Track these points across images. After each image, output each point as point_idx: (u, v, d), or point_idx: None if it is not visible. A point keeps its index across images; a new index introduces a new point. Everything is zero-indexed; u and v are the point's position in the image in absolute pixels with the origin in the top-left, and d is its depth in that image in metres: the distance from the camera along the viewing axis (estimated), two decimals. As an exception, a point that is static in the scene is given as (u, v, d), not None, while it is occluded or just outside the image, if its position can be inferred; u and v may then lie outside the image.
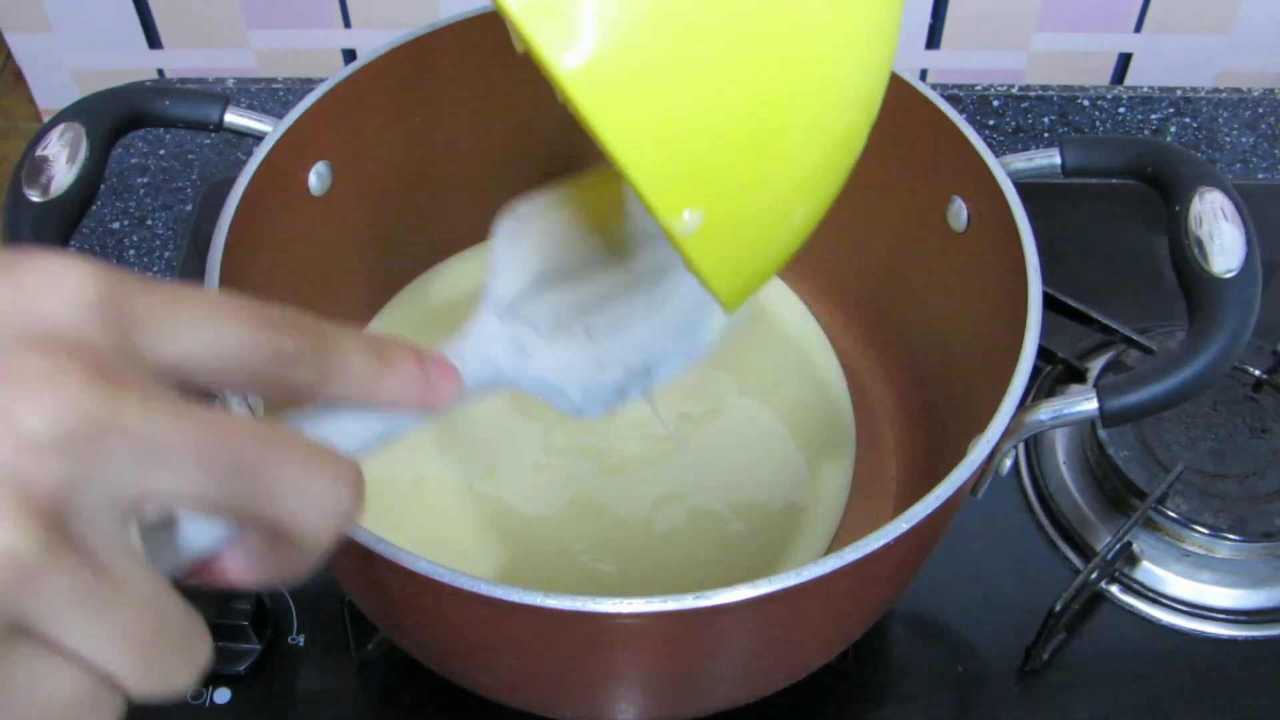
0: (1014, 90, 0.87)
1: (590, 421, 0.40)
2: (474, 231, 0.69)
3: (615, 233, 0.42)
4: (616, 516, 0.59)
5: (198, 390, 0.26)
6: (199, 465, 0.24)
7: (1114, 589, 0.62)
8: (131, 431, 0.23)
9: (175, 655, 0.25)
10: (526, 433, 0.62)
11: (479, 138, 0.63)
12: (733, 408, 0.63)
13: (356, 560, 0.44)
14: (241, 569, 0.28)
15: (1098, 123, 0.85)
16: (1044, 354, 0.68)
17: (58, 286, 0.24)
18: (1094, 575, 0.59)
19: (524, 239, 0.41)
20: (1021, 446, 0.65)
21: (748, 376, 0.64)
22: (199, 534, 0.27)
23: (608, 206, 0.42)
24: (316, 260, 0.58)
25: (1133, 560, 0.62)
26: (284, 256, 0.55)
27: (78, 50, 0.91)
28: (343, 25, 0.87)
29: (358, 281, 0.63)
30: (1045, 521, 0.64)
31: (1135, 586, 0.61)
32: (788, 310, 0.67)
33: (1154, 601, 0.61)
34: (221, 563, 0.28)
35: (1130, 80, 0.90)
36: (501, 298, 0.39)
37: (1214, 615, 0.61)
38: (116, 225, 0.77)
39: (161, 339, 0.25)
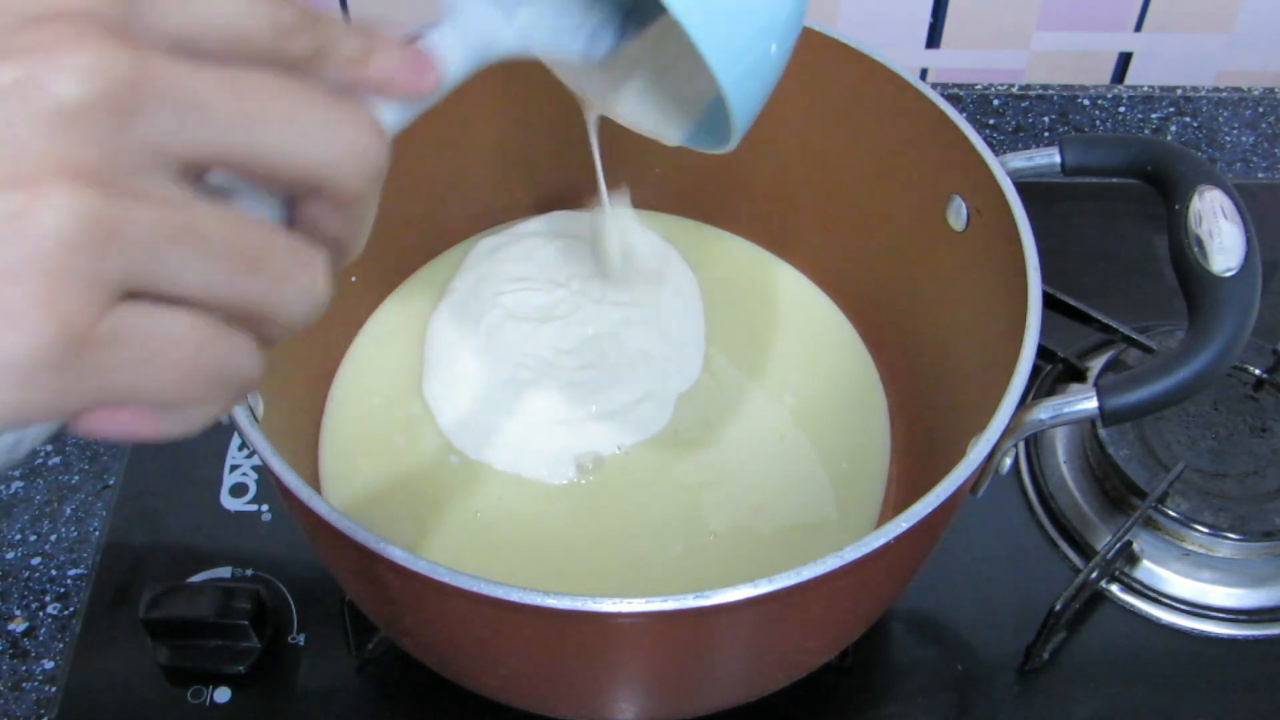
0: (1014, 90, 0.87)
1: (601, 62, 0.39)
2: (472, 226, 0.69)
3: None
4: (630, 521, 0.59)
5: None
6: (233, 113, 0.24)
7: (1114, 588, 0.62)
8: (162, 83, 0.23)
9: (289, 267, 0.26)
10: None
11: (478, 136, 0.63)
12: (771, 421, 0.63)
13: (356, 560, 0.44)
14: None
15: (1098, 122, 0.85)
16: (1044, 353, 0.68)
17: None
18: (1094, 574, 0.59)
19: None
20: (1021, 446, 0.65)
21: (791, 396, 0.64)
22: (253, 207, 0.27)
23: None
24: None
25: (1133, 559, 0.62)
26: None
27: (77, 50, 0.91)
28: (342, 25, 0.87)
29: (356, 278, 0.63)
30: (1045, 521, 0.64)
31: (1135, 586, 0.61)
32: (835, 330, 0.67)
33: (1154, 601, 0.61)
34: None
35: (1130, 79, 0.90)
36: None
37: (1214, 614, 0.61)
38: (116, 225, 0.77)
39: (168, 9, 0.25)
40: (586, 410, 0.61)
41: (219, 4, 0.26)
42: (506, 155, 0.66)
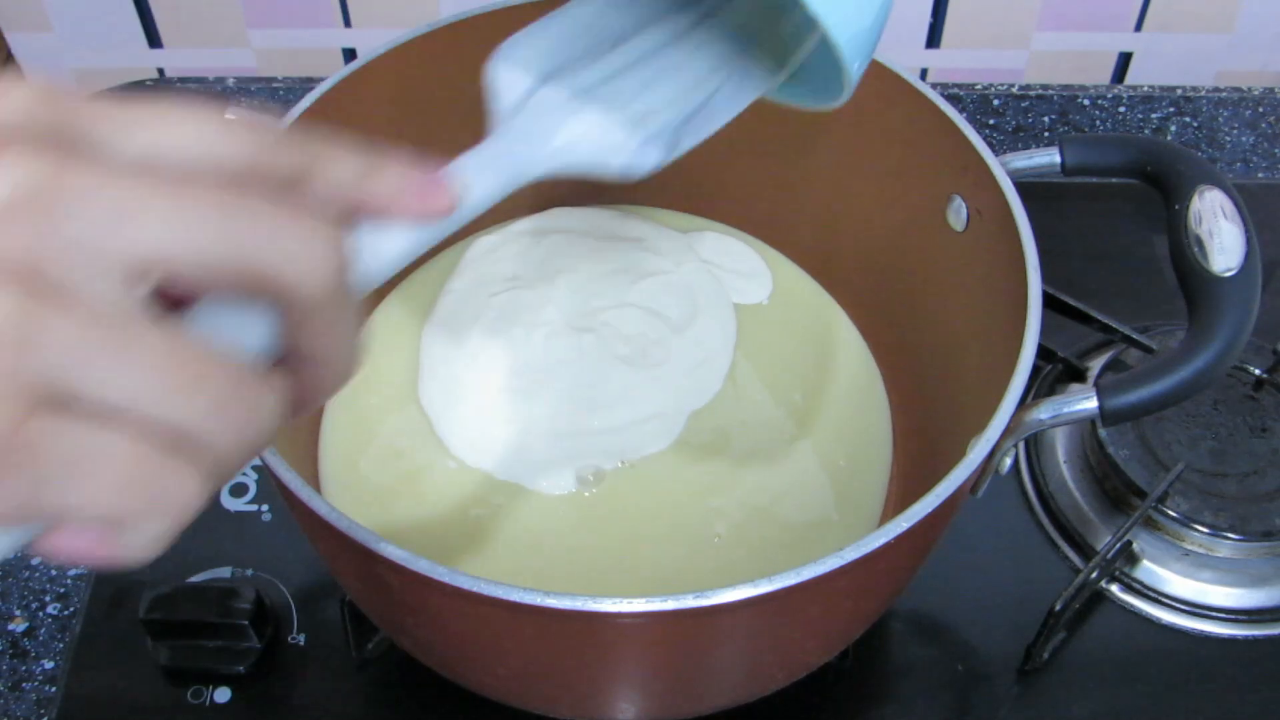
0: (1014, 89, 0.87)
1: (649, 174, 0.37)
2: (471, 226, 0.69)
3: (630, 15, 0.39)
4: (631, 527, 0.59)
5: None
6: (165, 215, 0.23)
7: (1114, 588, 0.62)
8: (90, 185, 0.23)
9: (231, 394, 0.24)
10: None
11: (479, 137, 0.63)
12: (776, 427, 0.62)
13: (356, 560, 0.44)
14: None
15: (1098, 122, 0.85)
16: (1044, 353, 0.68)
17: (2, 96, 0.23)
18: (1094, 574, 0.59)
19: (523, 51, 0.37)
20: (1022, 446, 0.65)
21: (802, 410, 0.64)
22: (236, 335, 0.26)
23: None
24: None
25: (1133, 559, 0.62)
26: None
27: (78, 50, 0.91)
28: (343, 25, 0.87)
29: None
30: (1045, 521, 0.64)
31: (1135, 586, 0.61)
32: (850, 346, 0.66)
33: (1154, 601, 0.61)
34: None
35: (1130, 79, 0.90)
36: (505, 107, 0.36)
37: (1214, 614, 0.61)
38: (116, 225, 0.77)
39: (125, 132, 0.24)
40: (588, 424, 0.60)
41: (183, 128, 0.25)
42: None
